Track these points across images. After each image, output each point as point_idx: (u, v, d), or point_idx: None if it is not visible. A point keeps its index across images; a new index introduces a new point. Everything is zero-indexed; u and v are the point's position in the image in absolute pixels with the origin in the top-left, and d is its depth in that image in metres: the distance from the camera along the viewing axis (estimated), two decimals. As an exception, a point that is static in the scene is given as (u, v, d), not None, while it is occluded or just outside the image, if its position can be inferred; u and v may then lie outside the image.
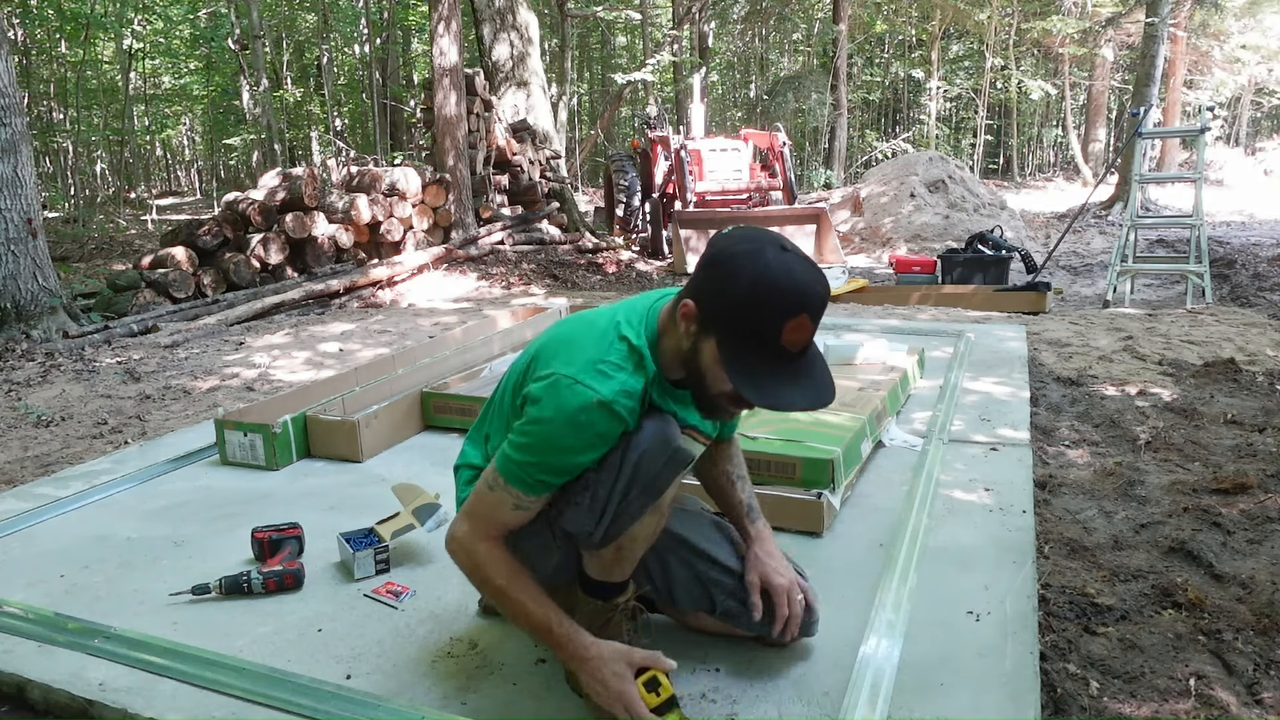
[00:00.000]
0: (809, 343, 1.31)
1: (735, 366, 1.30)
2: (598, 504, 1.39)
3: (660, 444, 1.38)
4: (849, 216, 11.34)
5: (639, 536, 1.45)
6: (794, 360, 1.30)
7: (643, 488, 1.38)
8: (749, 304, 1.27)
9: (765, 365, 1.29)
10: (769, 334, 1.27)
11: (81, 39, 15.05)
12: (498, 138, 9.81)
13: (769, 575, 1.60)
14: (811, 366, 1.33)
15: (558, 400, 1.35)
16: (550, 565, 1.54)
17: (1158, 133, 9.80)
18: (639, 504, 1.39)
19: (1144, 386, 3.75)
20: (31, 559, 2.23)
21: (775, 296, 1.25)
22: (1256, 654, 1.75)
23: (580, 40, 23.53)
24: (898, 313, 6.00)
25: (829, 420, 2.67)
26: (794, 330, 1.27)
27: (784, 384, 1.29)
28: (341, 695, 1.58)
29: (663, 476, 1.39)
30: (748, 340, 1.29)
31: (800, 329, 1.28)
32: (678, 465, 1.39)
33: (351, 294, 7.19)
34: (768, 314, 1.26)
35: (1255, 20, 18.48)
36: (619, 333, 1.42)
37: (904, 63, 23.93)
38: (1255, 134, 25.80)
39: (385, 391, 3.42)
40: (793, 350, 1.29)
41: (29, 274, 5.33)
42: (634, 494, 1.38)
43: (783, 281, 1.26)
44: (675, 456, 1.38)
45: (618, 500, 1.38)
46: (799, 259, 1.31)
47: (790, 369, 1.30)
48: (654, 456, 1.37)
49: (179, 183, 29.19)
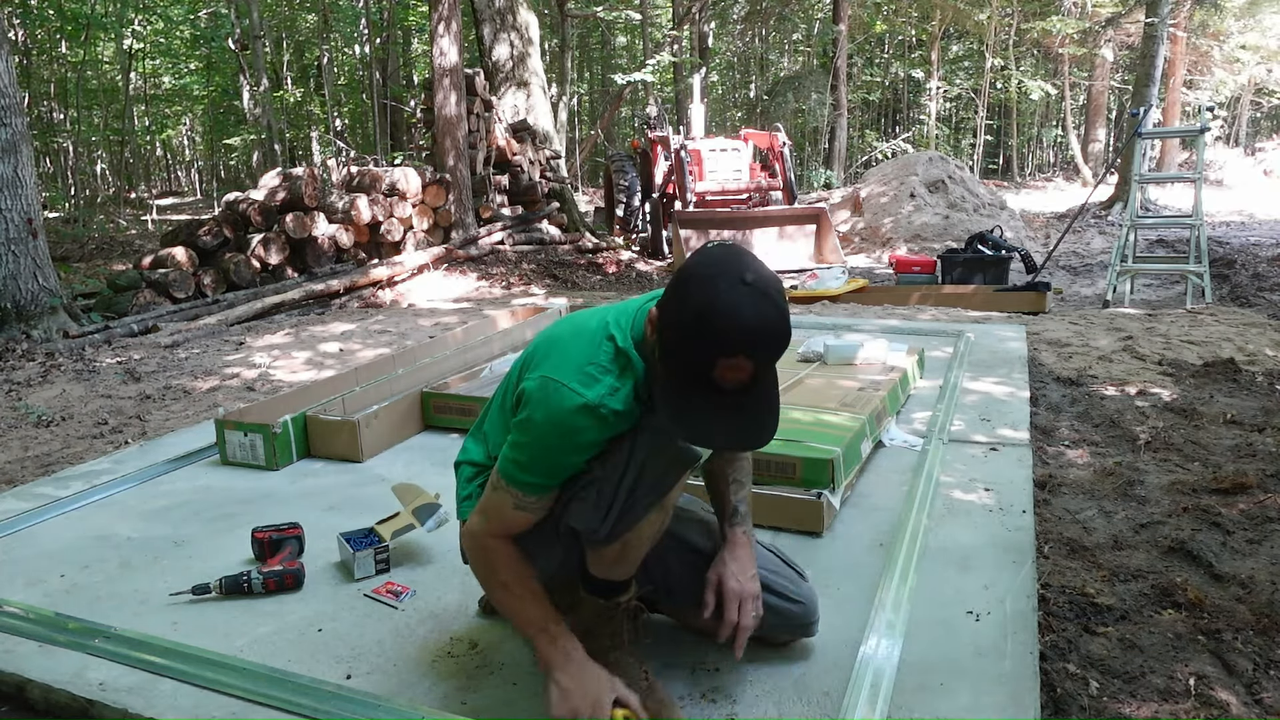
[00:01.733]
0: (749, 383, 1.26)
1: (667, 388, 1.30)
2: (604, 500, 1.41)
3: (667, 442, 1.39)
4: (849, 216, 11.34)
5: (644, 534, 1.46)
6: (730, 395, 1.27)
7: (649, 486, 1.40)
8: (688, 334, 1.25)
9: (698, 394, 1.27)
10: (701, 368, 1.25)
11: (82, 39, 15.05)
12: (498, 138, 9.81)
13: (725, 578, 1.56)
14: (752, 403, 1.28)
15: (545, 403, 1.36)
16: (554, 561, 1.55)
17: (1158, 133, 9.80)
18: (645, 502, 1.41)
19: (1144, 386, 3.75)
20: (31, 559, 2.23)
21: (712, 334, 1.22)
22: (1256, 654, 1.75)
23: (580, 40, 23.53)
24: (898, 313, 6.00)
25: (829, 420, 2.67)
26: (728, 370, 1.24)
27: (710, 418, 1.27)
28: (341, 695, 1.58)
29: (669, 475, 1.41)
30: (683, 368, 1.27)
31: (735, 370, 1.24)
32: (684, 464, 1.41)
33: (351, 294, 7.19)
34: (702, 349, 1.24)
35: (1255, 20, 18.48)
36: (608, 333, 1.43)
37: (904, 63, 23.94)
38: (1255, 134, 25.80)
39: (385, 391, 3.42)
40: (726, 387, 1.26)
41: (29, 274, 5.34)
42: (640, 492, 1.40)
43: (725, 320, 1.22)
44: (682, 455, 1.40)
45: (624, 497, 1.40)
46: (755, 296, 1.23)
47: (724, 403, 1.27)
48: (659, 455, 1.39)
49: (179, 183, 29.19)
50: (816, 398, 2.96)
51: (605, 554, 1.48)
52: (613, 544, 1.45)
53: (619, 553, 1.47)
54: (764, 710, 1.53)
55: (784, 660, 1.66)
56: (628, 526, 1.42)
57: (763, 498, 2.29)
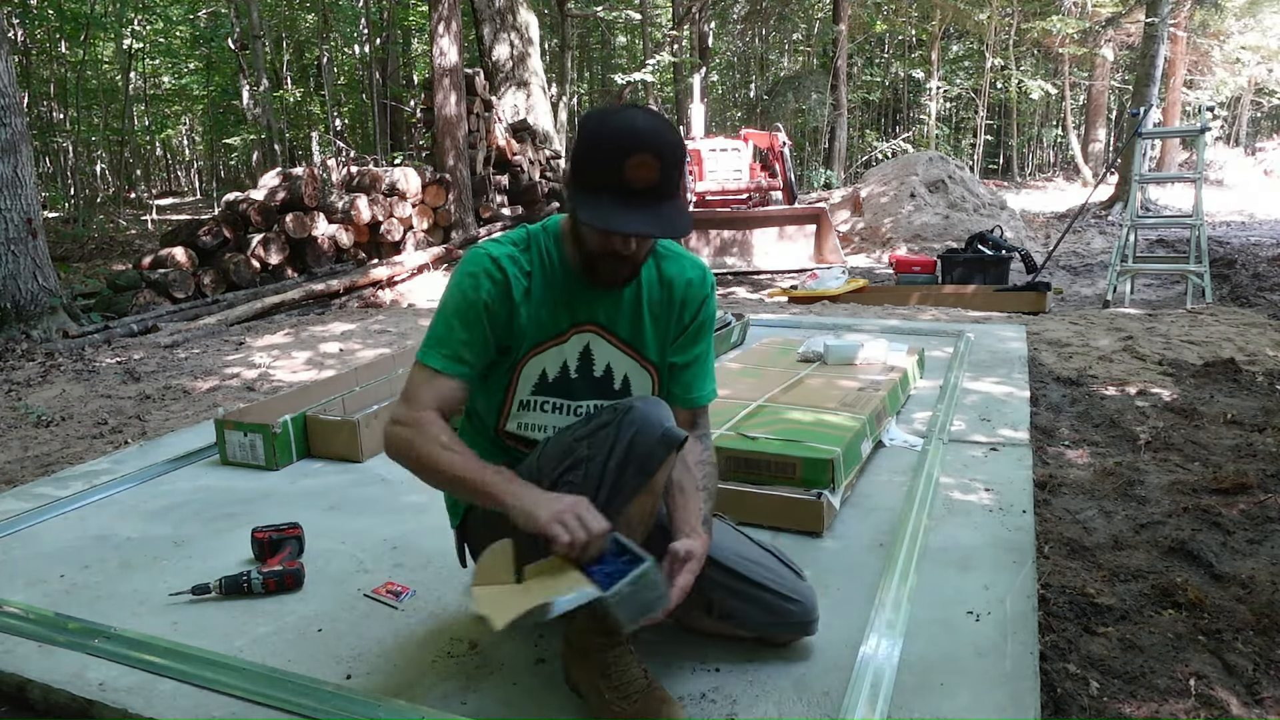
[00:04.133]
0: (659, 184, 1.37)
1: (583, 200, 1.39)
2: (591, 481, 1.41)
3: (653, 423, 1.41)
4: (849, 216, 11.33)
5: (633, 520, 1.45)
6: (641, 196, 1.36)
7: (636, 466, 1.41)
8: (593, 148, 1.39)
9: (610, 198, 1.37)
10: (611, 171, 1.36)
11: (81, 39, 15.04)
12: (498, 138, 9.82)
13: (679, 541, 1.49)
14: (665, 207, 1.39)
15: (462, 261, 1.55)
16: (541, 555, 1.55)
17: (1158, 133, 9.80)
18: (633, 483, 1.42)
19: (1144, 386, 3.75)
20: (31, 559, 2.23)
21: (614, 138, 1.36)
22: (1256, 654, 1.75)
23: (580, 40, 23.53)
24: (898, 313, 6.00)
25: (829, 420, 2.67)
26: (636, 167, 1.35)
27: (625, 212, 1.36)
28: (341, 695, 1.58)
29: (655, 455, 1.42)
30: (595, 179, 1.38)
31: (642, 166, 1.35)
32: (669, 444, 1.42)
33: (351, 294, 7.19)
34: (608, 152, 1.36)
35: (1255, 20, 18.48)
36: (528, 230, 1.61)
37: (904, 63, 23.93)
38: (1255, 134, 25.81)
39: (385, 391, 3.42)
40: (637, 186, 1.36)
41: (29, 274, 5.34)
42: (628, 473, 1.41)
43: (624, 127, 1.37)
44: (666, 436, 1.42)
45: (611, 479, 1.41)
46: (647, 114, 1.41)
47: (637, 202, 1.36)
48: (646, 435, 1.41)
49: (179, 183, 29.19)
50: (816, 398, 2.96)
51: None
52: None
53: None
54: (764, 710, 1.53)
55: (784, 660, 1.66)
56: (616, 510, 1.41)
57: (763, 497, 2.29)
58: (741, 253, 9.07)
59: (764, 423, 2.66)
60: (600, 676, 1.49)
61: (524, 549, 1.37)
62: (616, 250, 1.44)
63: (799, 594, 1.66)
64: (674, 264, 1.64)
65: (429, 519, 2.39)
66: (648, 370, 1.64)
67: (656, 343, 1.63)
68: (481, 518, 1.63)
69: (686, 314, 1.64)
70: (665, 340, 1.65)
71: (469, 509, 1.68)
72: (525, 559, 1.36)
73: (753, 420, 2.70)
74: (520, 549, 1.37)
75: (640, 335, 1.61)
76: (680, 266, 1.64)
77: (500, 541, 1.37)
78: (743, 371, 3.46)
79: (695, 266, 1.66)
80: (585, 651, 1.51)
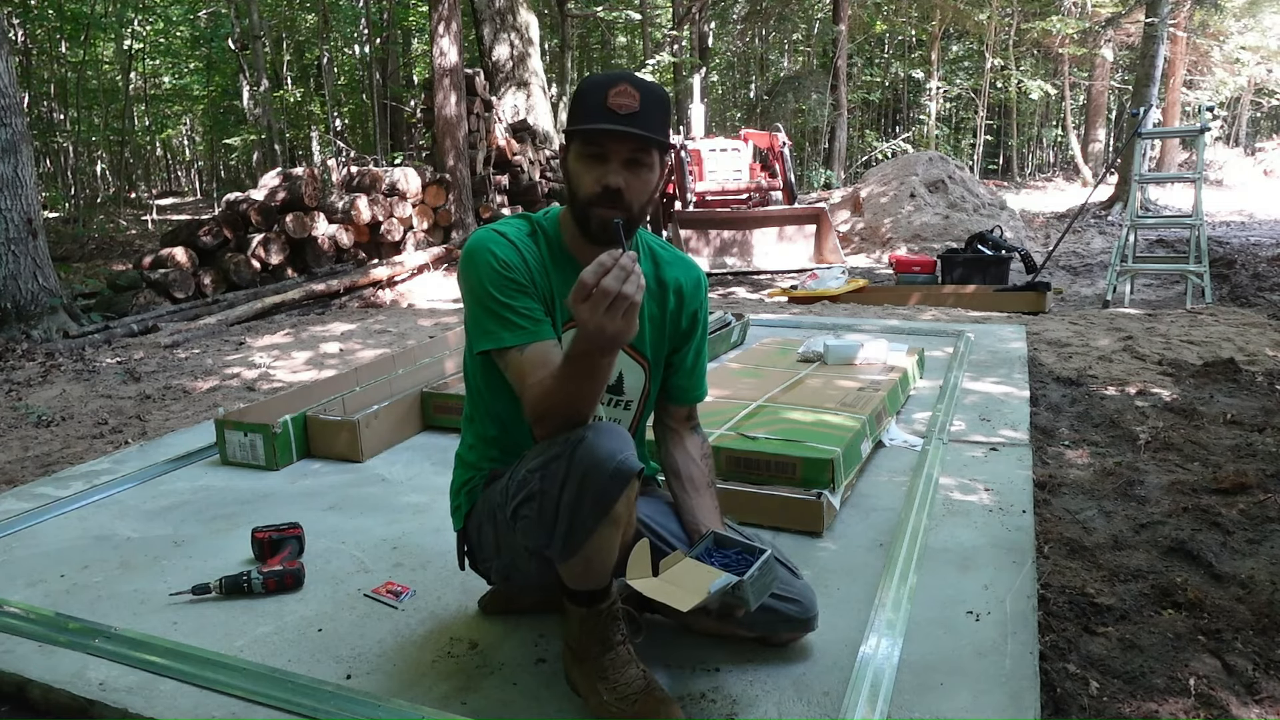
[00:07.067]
0: (639, 112, 1.47)
1: (574, 134, 1.51)
2: (546, 516, 1.38)
3: (603, 458, 1.35)
4: (849, 216, 11.33)
5: (603, 549, 1.42)
6: (624, 119, 1.46)
7: (591, 502, 1.36)
8: (581, 92, 1.51)
9: (597, 119, 1.47)
10: (596, 102, 1.47)
11: (81, 39, 15.06)
12: (498, 138, 9.82)
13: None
14: (637, 123, 1.48)
15: (465, 251, 1.58)
16: (530, 574, 1.57)
17: (1158, 133, 9.80)
18: (592, 519, 1.37)
19: (1144, 386, 3.75)
20: (31, 559, 2.23)
21: (599, 79, 1.50)
22: (1256, 654, 1.75)
23: (580, 40, 23.52)
24: (898, 313, 6.00)
25: (829, 420, 2.67)
26: (618, 95, 1.46)
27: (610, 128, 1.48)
28: (341, 695, 1.58)
29: (609, 492, 1.36)
30: (583, 114, 1.48)
31: (624, 94, 1.46)
32: (622, 479, 1.36)
33: (352, 294, 7.19)
34: (594, 87, 1.49)
35: (1255, 20, 18.48)
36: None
37: (904, 63, 23.95)
38: (1255, 134, 25.82)
39: (385, 391, 3.42)
40: (621, 113, 1.46)
41: (29, 274, 5.34)
42: (585, 509, 1.36)
43: (609, 73, 1.53)
44: (619, 470, 1.35)
45: (567, 514, 1.36)
46: (625, 71, 1.59)
47: (619, 120, 1.46)
48: (598, 471, 1.35)
49: (179, 183, 29.19)
50: (816, 398, 2.96)
51: (570, 568, 1.45)
52: (574, 559, 1.42)
53: (584, 566, 1.44)
54: (764, 710, 1.53)
55: (784, 660, 1.66)
56: (579, 543, 1.39)
57: (763, 498, 2.29)
58: (741, 253, 9.07)
59: (764, 423, 2.66)
60: (598, 678, 1.49)
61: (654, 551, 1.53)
62: (607, 185, 1.46)
63: (797, 593, 1.66)
64: (671, 268, 1.70)
65: (429, 519, 2.39)
66: (640, 365, 1.68)
67: (652, 342, 1.68)
68: (482, 520, 1.64)
69: (684, 316, 1.71)
70: (661, 340, 1.69)
71: (470, 512, 1.68)
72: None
73: (753, 420, 2.70)
74: (653, 550, 1.52)
75: (640, 335, 1.63)
76: (676, 270, 1.71)
77: (640, 541, 1.48)
78: (743, 371, 3.46)
79: (690, 270, 1.73)
80: (584, 652, 1.51)
